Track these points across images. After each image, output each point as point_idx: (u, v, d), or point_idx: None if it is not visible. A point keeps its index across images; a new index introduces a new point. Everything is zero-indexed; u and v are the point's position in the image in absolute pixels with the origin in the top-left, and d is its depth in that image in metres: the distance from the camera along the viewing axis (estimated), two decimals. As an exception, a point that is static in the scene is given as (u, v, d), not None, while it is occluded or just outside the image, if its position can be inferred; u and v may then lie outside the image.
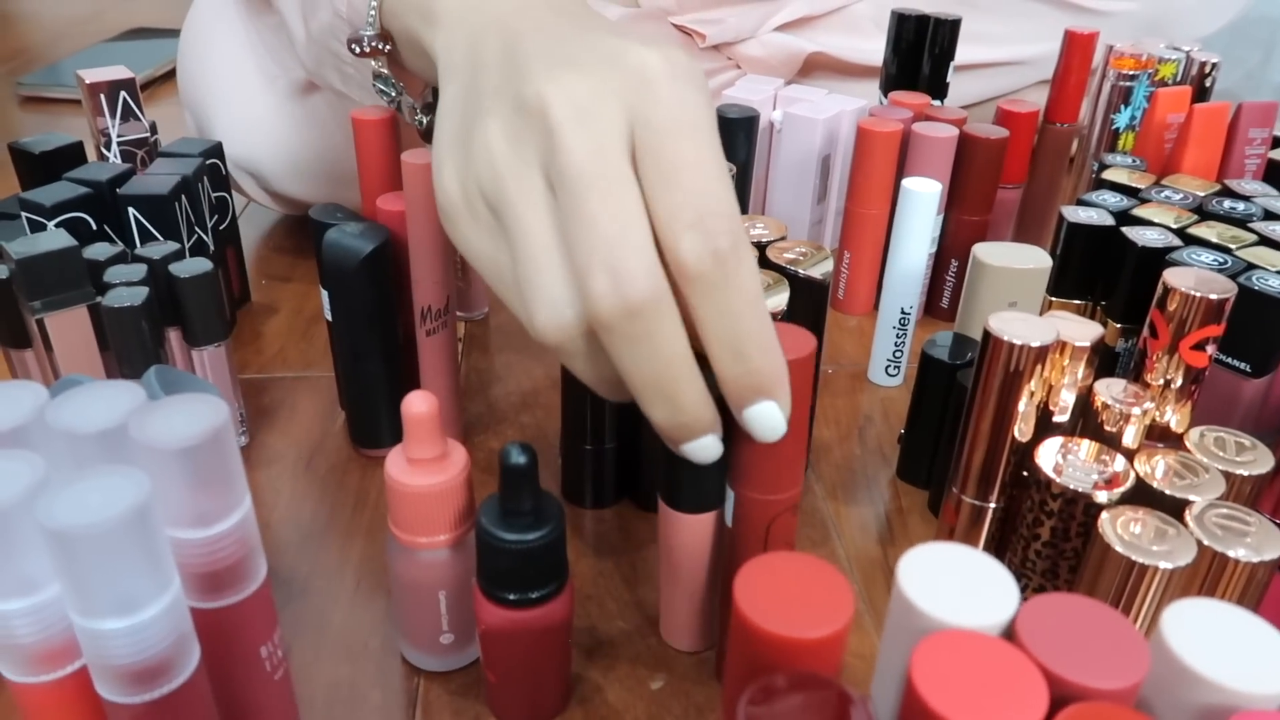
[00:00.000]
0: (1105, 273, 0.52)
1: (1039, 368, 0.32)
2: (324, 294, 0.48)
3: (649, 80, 0.30)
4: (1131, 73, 0.70)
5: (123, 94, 0.56)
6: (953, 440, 0.46)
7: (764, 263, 0.44)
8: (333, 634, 0.40)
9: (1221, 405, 0.48)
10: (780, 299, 0.41)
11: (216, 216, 0.58)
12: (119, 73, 0.56)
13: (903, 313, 0.55)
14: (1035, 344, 0.31)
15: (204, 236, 0.56)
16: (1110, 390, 0.34)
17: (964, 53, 0.83)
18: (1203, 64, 0.72)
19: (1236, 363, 0.47)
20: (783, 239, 0.46)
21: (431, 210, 0.44)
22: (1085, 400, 0.34)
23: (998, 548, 0.35)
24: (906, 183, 0.52)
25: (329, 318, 0.48)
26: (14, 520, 0.22)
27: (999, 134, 0.59)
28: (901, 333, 0.56)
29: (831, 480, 0.50)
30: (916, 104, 0.64)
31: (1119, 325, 0.52)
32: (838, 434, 0.53)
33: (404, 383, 0.49)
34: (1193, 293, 0.35)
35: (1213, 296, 0.35)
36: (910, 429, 0.49)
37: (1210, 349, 0.36)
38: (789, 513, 0.32)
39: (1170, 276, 0.37)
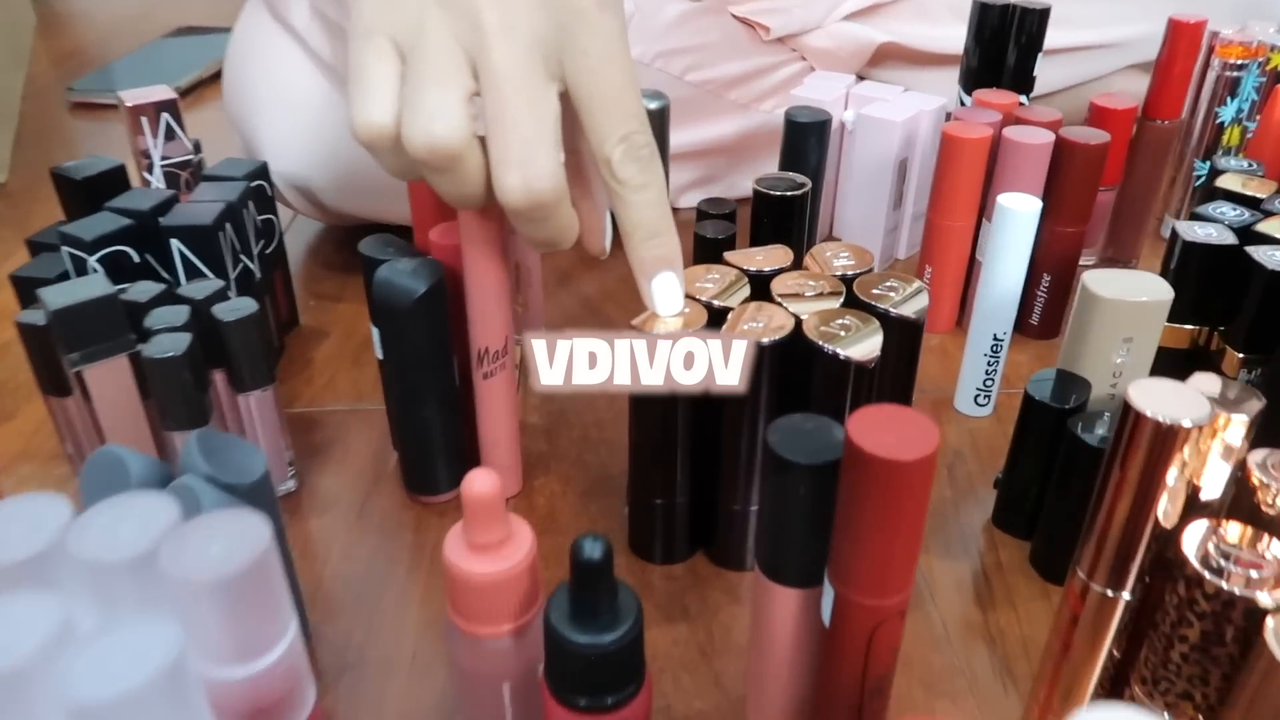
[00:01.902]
0: (1225, 296, 0.48)
1: (1191, 448, 0.28)
2: (375, 332, 0.45)
3: (579, 7, 0.34)
4: (1239, 62, 0.64)
5: (165, 116, 0.53)
6: (1060, 490, 0.42)
7: (851, 301, 0.40)
8: (390, 711, 0.37)
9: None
10: (874, 343, 0.37)
11: (263, 242, 0.56)
12: (161, 94, 0.53)
13: (995, 339, 0.51)
14: (1188, 424, 0.27)
15: (250, 264, 0.53)
16: (1268, 464, 0.29)
17: (1050, 36, 0.77)
18: (1321, 50, 0.66)
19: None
20: (869, 271, 0.42)
21: (491, 248, 0.41)
22: (1238, 473, 0.30)
23: (1130, 641, 0.31)
24: (1002, 200, 0.48)
25: (380, 357, 0.45)
26: (31, 681, 0.19)
27: (1099, 139, 0.54)
28: (994, 360, 0.51)
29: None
30: (1005, 104, 0.59)
31: (1240, 355, 0.47)
32: (925, 473, 0.49)
33: (461, 426, 0.46)
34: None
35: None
36: (1010, 474, 0.45)
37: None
38: (896, 618, 0.28)
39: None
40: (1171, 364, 0.50)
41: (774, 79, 0.80)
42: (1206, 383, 0.31)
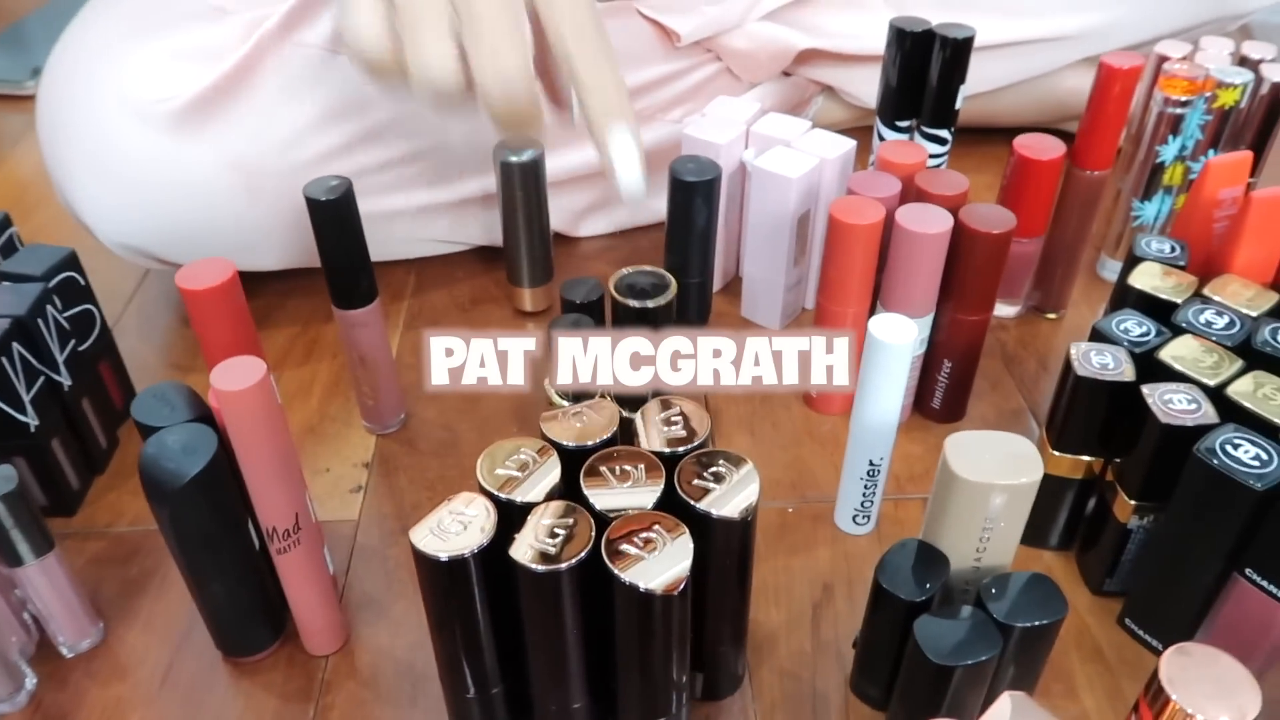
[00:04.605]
0: (1120, 430, 0.43)
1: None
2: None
3: None
4: (1183, 98, 0.57)
5: (-57, 211, 0.47)
6: (904, 696, 0.38)
7: (669, 503, 0.35)
8: None
9: (1249, 629, 0.39)
10: (682, 565, 0.32)
11: (74, 340, 0.50)
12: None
13: (871, 464, 0.46)
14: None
15: (54, 376, 0.48)
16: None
17: (992, 28, 0.70)
18: (1275, 85, 0.59)
19: (1272, 586, 0.38)
20: (701, 446, 0.37)
21: (261, 430, 0.36)
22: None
23: None
24: (874, 326, 0.42)
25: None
26: None
27: (1003, 225, 0.48)
28: (871, 484, 0.47)
29: (772, 698, 0.42)
30: (909, 166, 0.53)
31: (1133, 501, 0.43)
32: (788, 617, 0.45)
33: (266, 587, 0.42)
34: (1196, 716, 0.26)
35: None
36: (865, 642, 0.41)
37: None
38: None
39: (1169, 673, 0.27)
40: (1061, 495, 0.46)
41: (686, 83, 0.73)
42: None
